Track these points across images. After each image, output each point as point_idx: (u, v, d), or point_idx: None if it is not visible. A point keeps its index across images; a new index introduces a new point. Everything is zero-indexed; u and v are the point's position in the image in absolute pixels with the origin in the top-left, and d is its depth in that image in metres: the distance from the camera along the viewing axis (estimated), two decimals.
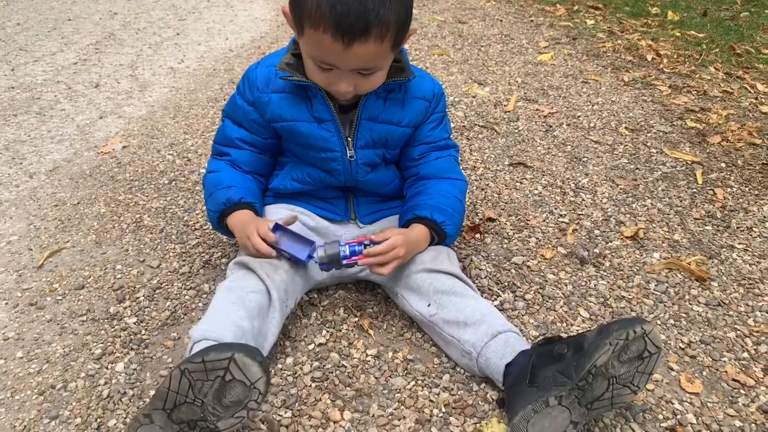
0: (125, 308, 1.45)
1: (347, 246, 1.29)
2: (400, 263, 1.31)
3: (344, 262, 1.29)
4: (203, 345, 1.07)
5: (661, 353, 1.04)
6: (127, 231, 1.77)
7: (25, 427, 1.14)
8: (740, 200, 1.94)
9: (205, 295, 1.49)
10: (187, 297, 1.48)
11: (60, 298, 1.50)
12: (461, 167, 1.61)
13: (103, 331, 1.38)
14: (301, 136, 1.36)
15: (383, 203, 1.52)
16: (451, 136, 1.52)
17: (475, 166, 2.13)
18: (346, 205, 1.49)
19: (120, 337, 1.36)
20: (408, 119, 1.40)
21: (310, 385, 1.23)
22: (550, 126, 2.47)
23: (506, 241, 1.72)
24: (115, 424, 1.15)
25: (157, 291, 1.51)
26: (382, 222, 1.50)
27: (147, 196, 1.95)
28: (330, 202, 1.49)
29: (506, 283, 1.54)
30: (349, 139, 1.37)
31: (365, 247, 1.28)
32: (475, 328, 1.23)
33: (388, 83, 1.30)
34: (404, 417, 1.16)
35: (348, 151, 1.38)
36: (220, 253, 1.64)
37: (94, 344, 1.35)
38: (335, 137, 1.36)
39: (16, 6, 4.58)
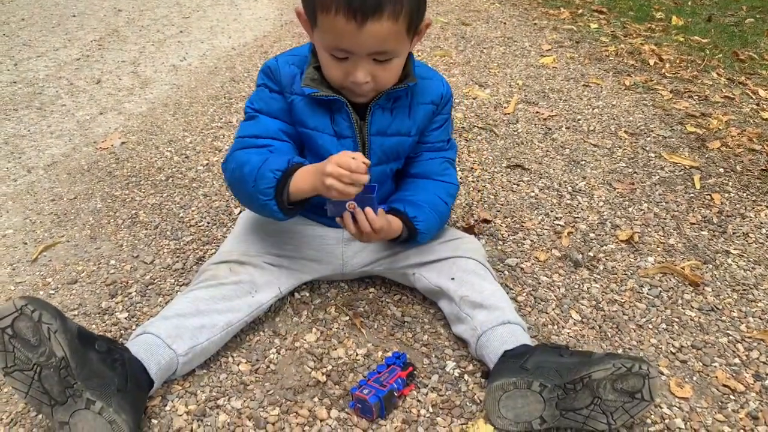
0: (117, 303, 1.46)
1: (394, 387, 1.17)
2: (372, 237, 1.25)
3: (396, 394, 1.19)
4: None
5: (650, 405, 1.05)
6: (122, 227, 1.77)
7: (12, 419, 1.14)
8: (737, 206, 1.93)
9: None
10: (178, 293, 1.48)
11: (53, 292, 1.50)
12: (459, 168, 1.59)
13: (94, 326, 1.38)
14: (318, 148, 1.32)
15: None
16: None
17: (472, 168, 2.13)
18: None
19: (111, 332, 1.36)
20: (416, 127, 1.37)
21: (298, 383, 1.23)
22: (550, 129, 2.46)
23: (501, 242, 1.71)
24: None
25: (150, 287, 1.52)
26: None
27: (143, 192, 1.96)
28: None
29: (498, 284, 1.53)
30: None
31: (407, 377, 1.22)
32: (488, 312, 1.25)
33: (391, 92, 1.27)
34: (391, 417, 1.15)
35: None
36: (213, 250, 1.64)
37: None
38: None
39: (22, 1, 4.60)
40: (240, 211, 1.83)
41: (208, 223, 1.79)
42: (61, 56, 3.37)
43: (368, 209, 1.19)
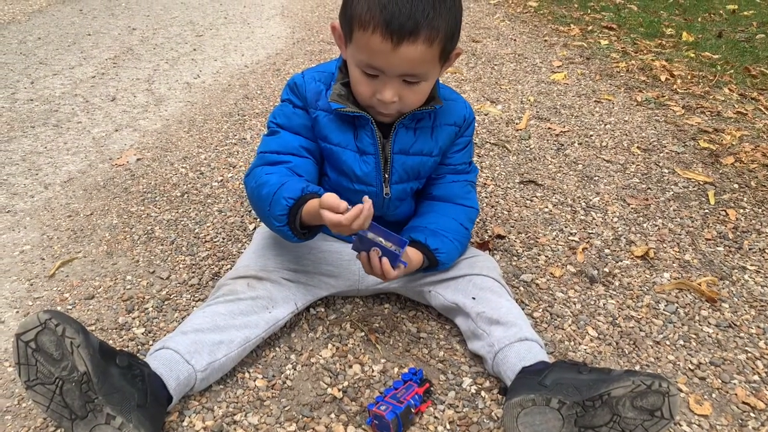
0: (134, 319, 1.46)
1: (411, 403, 1.18)
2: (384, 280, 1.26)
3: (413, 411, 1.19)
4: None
5: (670, 423, 1.04)
6: (138, 242, 1.78)
7: None
8: (753, 221, 1.92)
9: None
10: (195, 308, 1.49)
11: (70, 307, 1.51)
12: None
13: (111, 341, 1.39)
14: (341, 163, 1.33)
15: (395, 226, 1.51)
16: None
17: (485, 184, 2.13)
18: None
19: (128, 347, 1.37)
20: (439, 148, 1.38)
21: (315, 399, 1.23)
22: (562, 144, 2.47)
23: (515, 258, 1.71)
24: None
25: (166, 302, 1.52)
26: None
27: (159, 208, 1.97)
28: None
29: (515, 301, 1.53)
30: (386, 175, 1.35)
31: (424, 393, 1.22)
32: (505, 328, 1.25)
33: (416, 112, 1.28)
34: None
35: (384, 188, 1.36)
36: (229, 266, 1.65)
37: None
38: (374, 172, 1.33)
39: (38, 21, 4.67)
40: (255, 227, 1.84)
41: (224, 238, 1.80)
42: (76, 74, 3.41)
43: (385, 261, 1.20)
